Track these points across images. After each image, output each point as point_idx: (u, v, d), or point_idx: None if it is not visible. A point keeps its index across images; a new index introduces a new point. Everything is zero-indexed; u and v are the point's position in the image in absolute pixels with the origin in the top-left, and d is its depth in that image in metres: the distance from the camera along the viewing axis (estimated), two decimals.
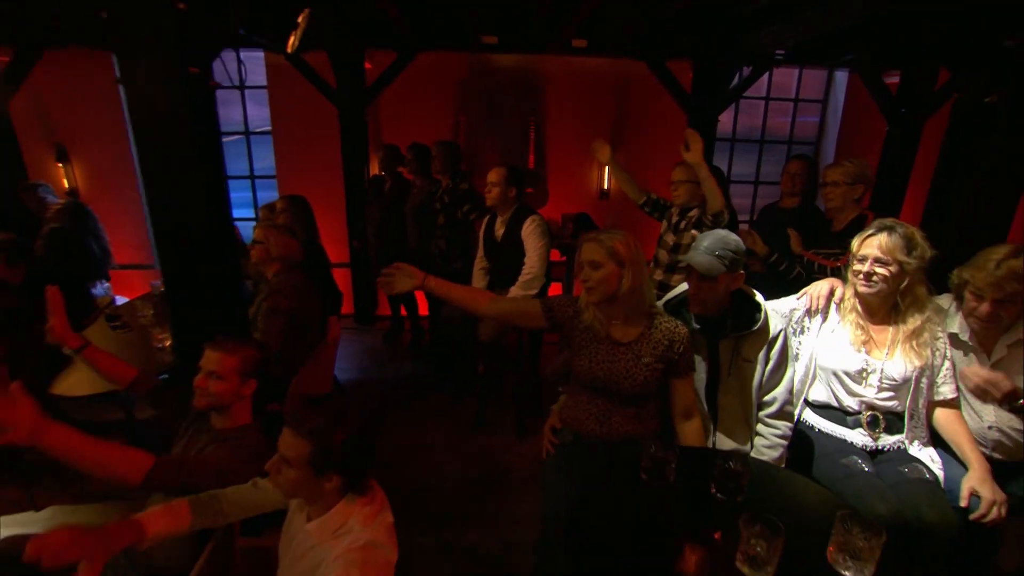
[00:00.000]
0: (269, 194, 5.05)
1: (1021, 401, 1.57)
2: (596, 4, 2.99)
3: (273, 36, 3.41)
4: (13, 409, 1.20)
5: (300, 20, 2.59)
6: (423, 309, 3.95)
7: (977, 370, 1.59)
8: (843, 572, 1.04)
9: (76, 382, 2.19)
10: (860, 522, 1.05)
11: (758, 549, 1.01)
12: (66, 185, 4.80)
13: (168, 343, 2.41)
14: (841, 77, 5.27)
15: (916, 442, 1.76)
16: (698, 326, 1.74)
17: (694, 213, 2.51)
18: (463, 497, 2.47)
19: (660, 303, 1.81)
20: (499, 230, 2.87)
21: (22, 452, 1.82)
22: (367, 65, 4.38)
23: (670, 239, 2.63)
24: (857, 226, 2.18)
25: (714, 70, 4.12)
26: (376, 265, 3.94)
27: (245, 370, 1.59)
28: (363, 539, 1.14)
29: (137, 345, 2.52)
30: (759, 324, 1.70)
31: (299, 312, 2.27)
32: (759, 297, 1.77)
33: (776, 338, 1.71)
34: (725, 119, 5.06)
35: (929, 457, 1.72)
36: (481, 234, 3.01)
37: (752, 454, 1.74)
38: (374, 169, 4.47)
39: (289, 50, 2.99)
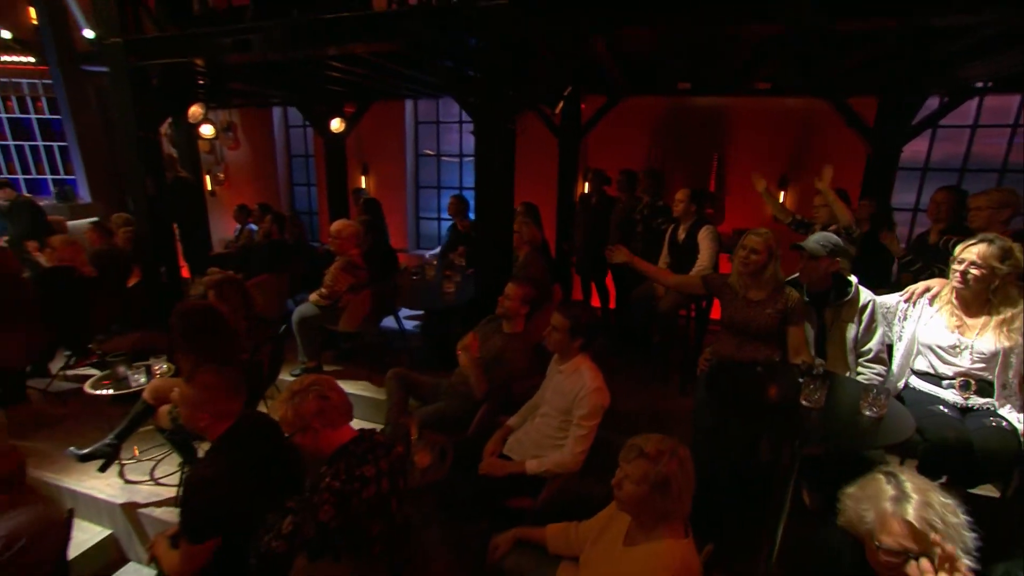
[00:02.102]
0: None
1: None
2: (781, 61, 3.75)
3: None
4: None
5: (566, 93, 3.89)
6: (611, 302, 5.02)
7: None
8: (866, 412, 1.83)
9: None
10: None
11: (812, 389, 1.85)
12: (363, 186, 6.90)
13: (452, 288, 3.84)
14: None
15: (1008, 406, 2.26)
16: (808, 299, 2.53)
17: (834, 228, 3.19)
18: (640, 429, 3.41)
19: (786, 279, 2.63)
20: (681, 235, 3.80)
21: None
22: (583, 106, 5.61)
23: None
24: None
25: (901, 105, 4.46)
26: (583, 261, 5.08)
27: (524, 298, 2.80)
28: (595, 384, 2.20)
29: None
30: (850, 296, 2.44)
31: (539, 275, 3.49)
32: (852, 278, 2.50)
33: (866, 306, 2.44)
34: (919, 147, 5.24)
35: (1017, 419, 2.22)
36: (667, 238, 3.96)
37: None
38: (579, 188, 5.68)
39: (557, 111, 4.34)
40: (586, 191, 5.25)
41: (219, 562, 1.77)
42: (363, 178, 6.87)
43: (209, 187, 8.20)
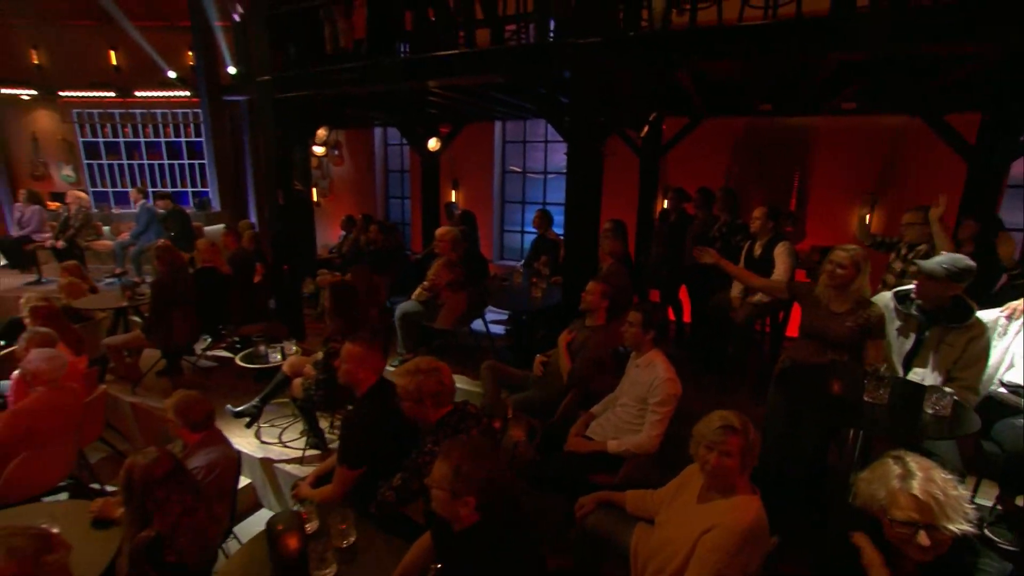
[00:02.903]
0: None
1: None
2: (868, 82, 3.82)
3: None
4: None
5: (651, 119, 4.21)
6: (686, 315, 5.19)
7: None
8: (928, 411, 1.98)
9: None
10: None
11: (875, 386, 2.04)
12: (452, 199, 7.49)
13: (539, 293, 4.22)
14: None
15: None
16: (917, 312, 2.48)
17: (923, 248, 3.23)
18: None
19: (895, 291, 2.63)
20: (757, 250, 3.96)
21: None
22: (664, 127, 5.87)
23: (898, 266, 3.39)
24: None
25: (1008, 120, 4.26)
26: (660, 274, 5.28)
27: (603, 293, 3.12)
28: (668, 375, 2.49)
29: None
30: (967, 324, 2.35)
31: (621, 285, 3.79)
32: (977, 311, 2.40)
33: (979, 336, 2.34)
34: None
35: None
36: (743, 254, 4.13)
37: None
38: (659, 205, 5.92)
39: (641, 134, 4.64)
40: (665, 208, 5.48)
41: (359, 488, 2.23)
42: (453, 193, 7.47)
43: (315, 198, 9.17)
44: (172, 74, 9.09)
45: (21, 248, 7.81)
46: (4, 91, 9.49)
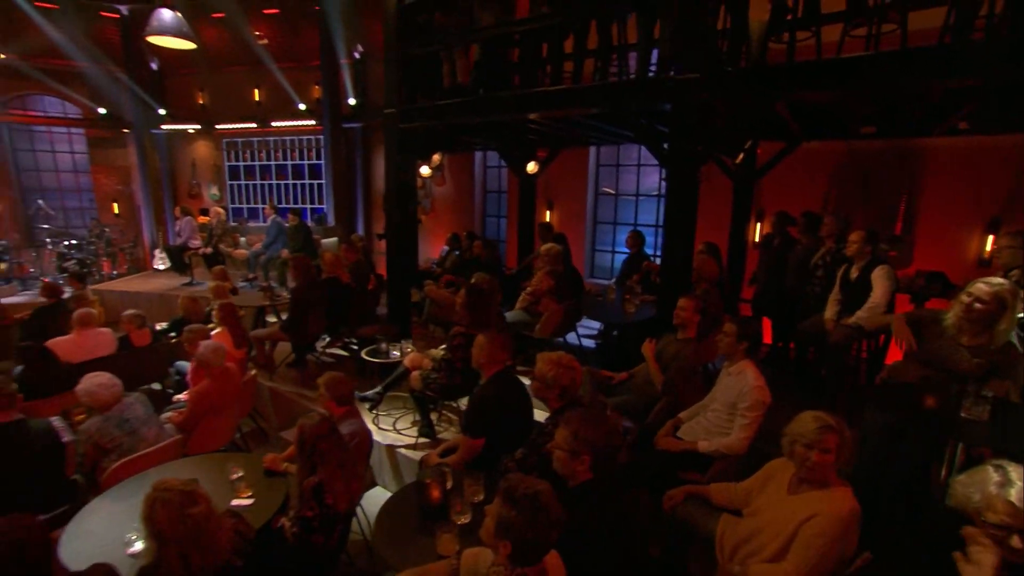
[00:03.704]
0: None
1: None
2: (982, 104, 3.74)
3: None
4: None
5: (747, 146, 4.37)
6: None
7: None
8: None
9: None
10: None
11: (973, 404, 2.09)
12: (547, 218, 7.89)
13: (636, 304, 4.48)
14: None
15: None
16: None
17: (1015, 274, 3.13)
18: None
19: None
20: (854, 274, 3.96)
21: None
22: (759, 151, 5.91)
23: None
24: None
25: None
26: (761, 298, 5.30)
27: (695, 308, 3.31)
28: (758, 383, 2.65)
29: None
30: None
31: (715, 306, 3.95)
32: None
33: None
34: None
35: None
36: (839, 277, 4.13)
37: None
38: (752, 229, 5.94)
39: (737, 160, 4.80)
40: (767, 232, 5.50)
41: (481, 458, 2.62)
42: (548, 213, 7.88)
43: (417, 216, 9.99)
44: (302, 106, 10.37)
45: (181, 255, 9.22)
46: (177, 126, 11.33)
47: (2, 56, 7.50)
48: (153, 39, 6.17)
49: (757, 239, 6.31)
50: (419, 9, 5.08)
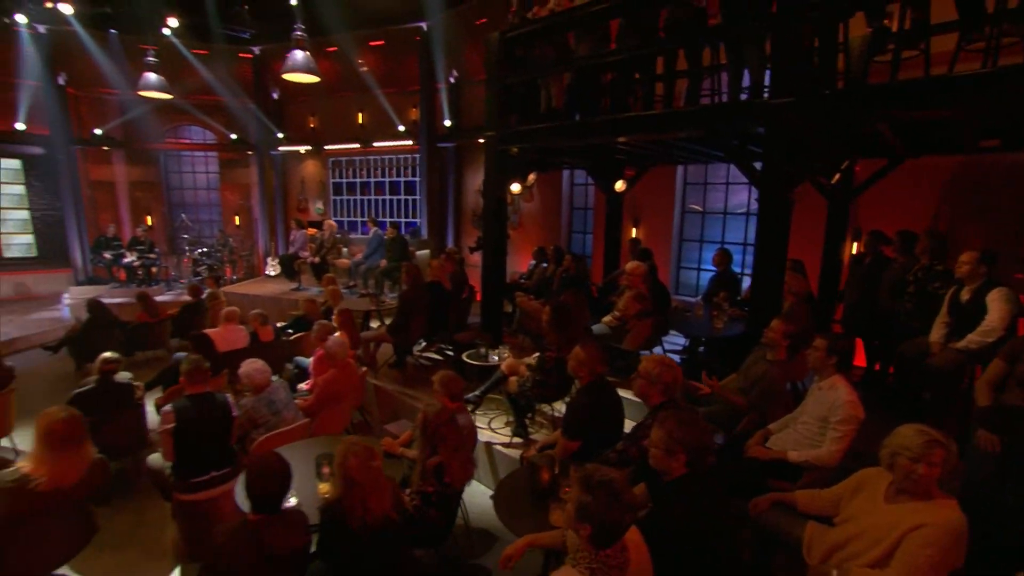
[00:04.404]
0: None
1: None
2: None
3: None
4: None
5: (843, 167, 4.35)
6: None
7: None
8: None
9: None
10: None
11: None
12: (633, 235, 8.04)
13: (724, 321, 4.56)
14: None
15: None
16: None
17: None
18: None
19: None
20: (965, 296, 3.82)
21: None
22: (857, 168, 5.76)
23: None
24: None
25: None
26: (850, 318, 5.17)
27: (785, 332, 3.38)
28: (850, 397, 2.70)
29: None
30: None
31: (803, 323, 3.97)
32: None
33: None
34: None
35: None
36: (947, 299, 4.00)
37: None
38: (848, 248, 5.78)
39: (832, 181, 4.78)
40: (859, 250, 5.37)
41: (577, 455, 2.88)
42: (634, 230, 8.03)
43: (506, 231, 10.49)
44: (401, 127, 11.24)
45: (292, 262, 10.25)
46: (292, 148, 12.67)
47: (171, 96, 8.84)
48: (288, 76, 7.06)
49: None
50: (519, 42, 5.49)
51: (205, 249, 11.64)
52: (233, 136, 12.66)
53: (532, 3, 5.70)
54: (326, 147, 12.38)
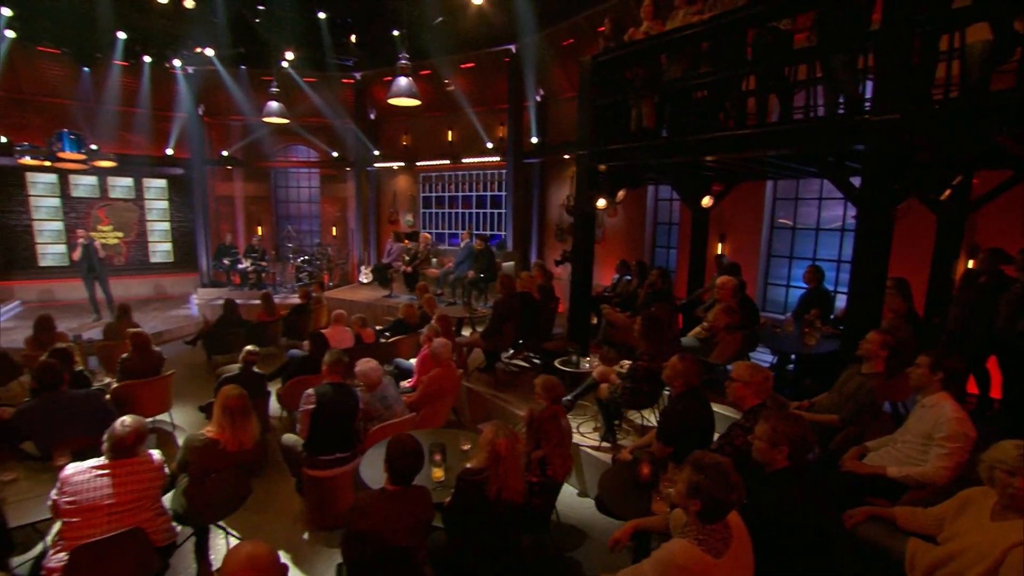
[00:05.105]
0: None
1: None
2: None
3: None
4: None
5: (955, 183, 4.23)
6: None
7: None
8: None
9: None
10: None
11: None
12: (719, 251, 7.99)
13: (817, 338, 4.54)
14: None
15: None
16: None
17: None
18: None
19: None
20: None
21: None
22: (975, 181, 5.45)
23: None
24: None
25: None
26: (959, 339, 4.93)
27: (883, 343, 3.36)
28: (956, 414, 2.69)
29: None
30: None
31: (904, 341, 3.89)
32: None
33: None
34: None
35: None
36: None
37: None
38: (961, 265, 5.49)
39: (943, 198, 4.65)
40: (971, 268, 5.11)
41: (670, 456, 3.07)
42: (720, 245, 7.99)
43: None
44: (489, 144, 11.80)
45: (386, 271, 11.04)
46: (386, 164, 13.65)
47: (288, 121, 9.95)
48: (393, 101, 7.75)
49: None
50: (611, 65, 5.76)
51: (307, 257, 12.77)
52: (335, 154, 13.83)
53: (626, 26, 5.94)
54: (417, 163, 13.22)
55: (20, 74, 10.63)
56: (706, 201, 7.12)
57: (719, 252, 7.76)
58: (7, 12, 8.91)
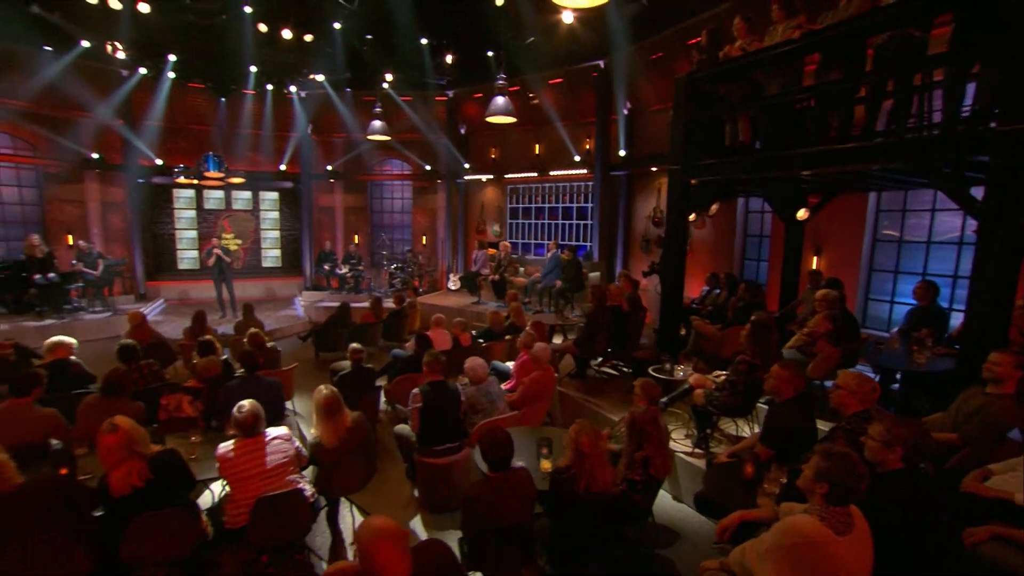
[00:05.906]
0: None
1: None
2: None
3: None
4: None
5: None
6: None
7: None
8: None
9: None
10: None
11: None
12: (814, 267, 7.75)
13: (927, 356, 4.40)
14: None
15: None
16: None
17: None
18: None
19: None
20: None
21: None
22: None
23: None
24: None
25: None
26: None
27: (1016, 364, 3.25)
28: None
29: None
30: None
31: None
32: None
33: None
34: None
35: None
36: None
37: None
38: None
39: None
40: None
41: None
42: (815, 259, 7.75)
43: None
44: (577, 157, 12.10)
45: (475, 279, 11.58)
46: (475, 176, 14.33)
47: (389, 138, 10.83)
48: (491, 119, 8.25)
49: None
50: (706, 81, 5.86)
51: (399, 264, 13.63)
52: (427, 167, 14.69)
53: (722, 42, 5.99)
54: (505, 175, 13.76)
55: (174, 107, 12.50)
56: (801, 214, 6.97)
57: (814, 267, 7.54)
58: (172, 58, 10.62)
